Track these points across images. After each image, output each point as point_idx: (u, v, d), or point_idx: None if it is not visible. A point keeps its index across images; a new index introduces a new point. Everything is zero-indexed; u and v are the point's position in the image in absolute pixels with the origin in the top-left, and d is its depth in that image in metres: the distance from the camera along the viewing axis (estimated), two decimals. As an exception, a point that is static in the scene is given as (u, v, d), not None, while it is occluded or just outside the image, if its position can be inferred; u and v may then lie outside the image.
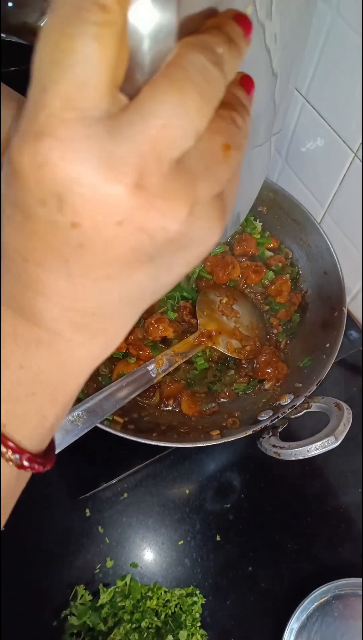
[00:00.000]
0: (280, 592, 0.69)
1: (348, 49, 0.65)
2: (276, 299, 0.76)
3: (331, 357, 0.66)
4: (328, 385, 0.84)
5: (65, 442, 0.55)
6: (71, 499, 0.73)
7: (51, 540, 0.71)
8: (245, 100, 0.24)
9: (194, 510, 0.74)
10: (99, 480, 0.73)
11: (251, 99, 0.25)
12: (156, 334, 0.68)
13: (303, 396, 0.63)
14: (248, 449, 0.79)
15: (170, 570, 0.70)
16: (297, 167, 0.88)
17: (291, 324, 0.77)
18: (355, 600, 0.68)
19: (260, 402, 0.70)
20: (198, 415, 0.69)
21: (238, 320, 0.73)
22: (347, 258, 0.81)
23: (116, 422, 0.65)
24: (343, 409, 0.58)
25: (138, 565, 0.70)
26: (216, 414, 0.70)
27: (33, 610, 0.67)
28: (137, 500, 0.74)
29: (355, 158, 0.73)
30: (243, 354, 0.71)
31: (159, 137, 0.20)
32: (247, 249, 0.77)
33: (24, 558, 0.69)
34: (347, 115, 0.71)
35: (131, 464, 0.74)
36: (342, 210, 0.82)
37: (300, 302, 0.78)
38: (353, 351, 0.88)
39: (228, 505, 0.75)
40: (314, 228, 0.77)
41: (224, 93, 0.22)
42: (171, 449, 0.74)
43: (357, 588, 0.67)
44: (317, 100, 0.75)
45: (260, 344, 0.72)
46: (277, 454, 0.58)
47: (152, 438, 0.61)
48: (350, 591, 0.68)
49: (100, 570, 0.69)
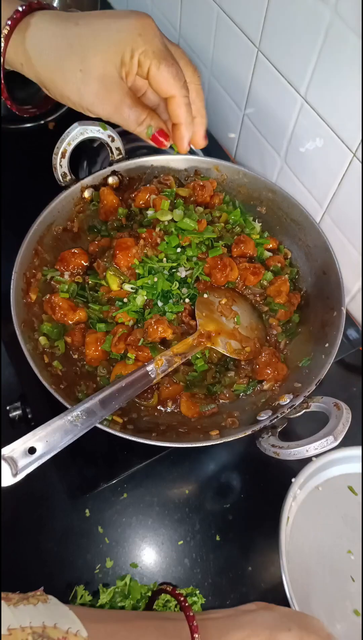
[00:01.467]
0: (280, 593, 0.69)
1: (347, 49, 0.65)
2: (276, 299, 0.76)
3: (330, 357, 0.66)
4: (327, 385, 0.84)
5: (65, 442, 0.55)
6: (71, 499, 0.73)
7: (51, 540, 0.71)
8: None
9: (194, 510, 0.74)
10: (99, 480, 0.73)
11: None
12: (155, 335, 0.68)
13: (302, 396, 0.63)
14: (247, 449, 0.79)
15: (170, 570, 0.70)
16: (296, 168, 0.88)
17: (291, 324, 0.77)
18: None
19: (259, 402, 0.70)
20: (197, 416, 0.69)
21: (237, 321, 0.73)
22: (346, 258, 0.81)
23: (116, 422, 0.65)
24: (342, 409, 0.58)
25: (137, 565, 0.70)
26: (216, 414, 0.70)
27: (33, 610, 0.67)
28: (137, 500, 0.74)
29: (354, 158, 0.73)
30: (243, 354, 0.71)
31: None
32: (245, 250, 0.77)
33: (24, 558, 0.69)
34: (345, 116, 0.71)
35: (131, 464, 0.74)
36: (341, 211, 0.82)
37: (299, 302, 0.78)
38: (353, 351, 0.88)
39: (228, 505, 0.75)
40: (313, 228, 0.77)
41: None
42: (171, 449, 0.74)
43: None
44: (316, 100, 0.75)
45: (260, 344, 0.72)
46: (276, 453, 0.58)
47: (151, 438, 0.61)
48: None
49: (100, 570, 0.69)
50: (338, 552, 0.69)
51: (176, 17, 1.04)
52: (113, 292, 0.73)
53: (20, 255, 0.70)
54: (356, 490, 0.73)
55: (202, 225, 0.76)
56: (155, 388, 0.70)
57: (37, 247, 0.74)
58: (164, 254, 0.73)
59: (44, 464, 0.54)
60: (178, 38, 1.07)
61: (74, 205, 0.79)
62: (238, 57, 0.89)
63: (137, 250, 0.72)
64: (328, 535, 0.70)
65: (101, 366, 0.70)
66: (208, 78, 1.03)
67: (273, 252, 0.82)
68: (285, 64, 0.78)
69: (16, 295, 0.68)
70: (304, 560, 0.67)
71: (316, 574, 0.67)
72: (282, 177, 0.93)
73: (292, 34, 0.73)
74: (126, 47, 0.49)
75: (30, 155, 0.89)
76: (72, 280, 0.76)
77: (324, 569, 0.68)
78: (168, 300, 0.72)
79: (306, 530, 0.69)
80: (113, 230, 0.80)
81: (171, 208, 0.77)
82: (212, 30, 0.93)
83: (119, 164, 0.81)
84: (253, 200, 0.85)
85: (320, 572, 0.67)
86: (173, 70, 0.51)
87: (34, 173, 0.83)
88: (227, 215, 0.82)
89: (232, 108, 0.98)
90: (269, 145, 0.92)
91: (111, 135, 0.76)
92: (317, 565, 0.68)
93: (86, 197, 0.80)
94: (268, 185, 0.82)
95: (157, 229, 0.75)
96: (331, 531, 0.70)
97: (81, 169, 0.98)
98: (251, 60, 0.85)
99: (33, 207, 0.75)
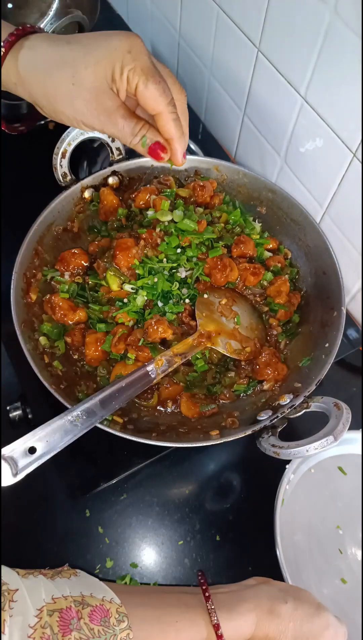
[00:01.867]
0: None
1: (347, 49, 0.65)
2: (276, 299, 0.76)
3: (330, 357, 0.66)
4: (327, 385, 0.84)
5: (65, 442, 0.55)
6: (71, 499, 0.73)
7: (51, 540, 0.71)
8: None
9: (194, 510, 0.74)
10: (99, 480, 0.73)
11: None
12: (155, 335, 0.68)
13: (302, 396, 0.63)
14: (247, 449, 0.79)
15: (170, 570, 0.70)
16: (296, 168, 0.88)
17: (291, 324, 0.77)
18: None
19: (259, 402, 0.70)
20: (197, 416, 0.69)
21: (237, 321, 0.73)
22: (346, 258, 0.81)
23: (116, 422, 0.65)
24: (342, 409, 0.58)
25: (137, 565, 0.70)
26: (216, 414, 0.70)
27: (33, 610, 0.67)
28: (137, 500, 0.74)
29: (354, 158, 0.73)
30: (243, 355, 0.71)
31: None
32: (245, 250, 0.77)
33: (24, 558, 0.69)
34: (345, 116, 0.71)
35: (131, 464, 0.74)
36: (341, 211, 0.82)
37: (299, 302, 0.78)
38: (353, 351, 0.88)
39: (228, 505, 0.75)
40: (313, 228, 0.77)
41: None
42: (171, 449, 0.74)
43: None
44: (316, 100, 0.75)
45: (260, 344, 0.72)
46: (276, 453, 0.58)
47: (152, 438, 0.61)
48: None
49: (100, 571, 0.69)
50: (328, 527, 0.73)
51: (176, 17, 1.04)
52: (113, 292, 0.73)
53: (20, 255, 0.70)
54: (345, 470, 0.77)
55: (202, 226, 0.76)
56: (155, 388, 0.70)
57: (37, 247, 0.74)
58: (164, 254, 0.73)
59: (44, 464, 0.54)
60: (178, 38, 1.07)
61: (74, 206, 0.79)
62: (238, 57, 0.89)
63: (137, 251, 0.72)
64: (319, 513, 0.74)
65: (101, 366, 0.70)
66: (208, 78, 1.03)
67: (273, 252, 0.82)
68: (285, 64, 0.78)
69: (16, 295, 0.68)
70: (296, 536, 0.72)
71: (307, 549, 0.71)
72: (282, 177, 0.93)
73: (292, 34, 0.73)
74: (116, 63, 0.51)
75: (31, 156, 0.89)
76: (72, 281, 0.76)
77: (314, 544, 0.72)
78: (168, 301, 0.72)
79: (299, 509, 0.73)
80: (113, 230, 0.80)
81: (171, 208, 0.77)
82: (212, 30, 0.93)
83: (119, 164, 0.81)
84: (253, 200, 0.85)
85: (311, 546, 0.72)
86: (160, 87, 0.53)
87: (34, 173, 0.83)
88: (227, 216, 0.82)
89: (232, 108, 0.98)
90: (269, 145, 0.92)
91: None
92: (308, 541, 0.72)
93: (86, 197, 0.80)
94: (268, 185, 0.82)
95: (157, 230, 0.75)
96: (322, 509, 0.74)
97: (81, 169, 0.98)
98: (251, 60, 0.85)
99: (33, 207, 0.75)
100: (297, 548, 0.70)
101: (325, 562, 0.70)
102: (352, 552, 0.71)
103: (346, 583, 0.69)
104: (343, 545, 0.72)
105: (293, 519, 0.72)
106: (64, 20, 0.86)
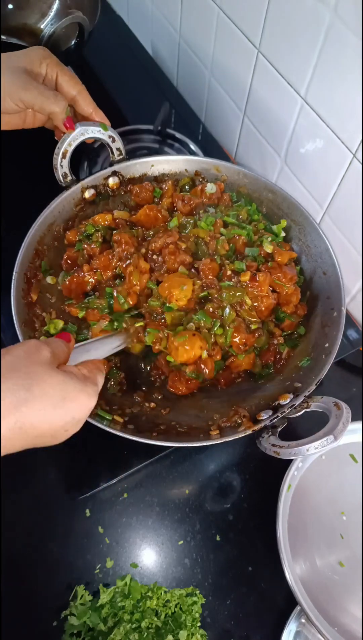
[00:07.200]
0: (280, 592, 0.69)
1: (347, 51, 0.65)
2: (283, 307, 0.74)
3: (330, 357, 0.66)
4: (327, 385, 0.84)
5: None
6: (71, 499, 0.73)
7: (51, 540, 0.71)
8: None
9: (194, 510, 0.74)
10: (99, 480, 0.73)
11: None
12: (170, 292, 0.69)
13: (302, 396, 0.63)
14: (247, 449, 0.79)
15: (170, 570, 0.70)
16: (296, 168, 0.88)
17: (295, 335, 0.75)
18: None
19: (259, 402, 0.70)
20: (187, 392, 0.69)
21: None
22: (346, 258, 0.81)
23: (116, 421, 0.65)
24: (342, 409, 0.58)
25: (137, 565, 0.70)
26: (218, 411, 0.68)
27: (33, 610, 0.67)
28: (137, 500, 0.74)
29: (354, 159, 0.73)
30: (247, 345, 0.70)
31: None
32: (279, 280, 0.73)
33: (24, 558, 0.69)
34: (345, 117, 0.71)
35: (131, 464, 0.74)
36: (341, 211, 0.82)
37: (304, 313, 0.76)
38: (353, 351, 0.88)
39: (228, 505, 0.75)
40: (313, 229, 0.77)
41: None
42: (171, 449, 0.74)
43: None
44: (316, 101, 0.75)
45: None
46: (277, 453, 0.58)
47: (152, 438, 0.61)
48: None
49: (100, 571, 0.69)
50: (333, 513, 0.75)
51: (177, 18, 1.04)
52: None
53: (20, 255, 0.70)
54: (357, 458, 0.79)
55: (218, 227, 0.77)
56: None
57: (38, 247, 0.74)
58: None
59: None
60: (178, 39, 1.07)
61: (75, 206, 0.79)
62: (238, 58, 0.89)
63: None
64: (326, 498, 0.76)
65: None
66: (208, 79, 1.03)
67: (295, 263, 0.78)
68: (285, 65, 0.78)
69: (17, 295, 0.68)
70: (299, 519, 0.73)
71: (309, 532, 0.73)
72: (282, 178, 0.93)
73: (292, 35, 0.74)
74: (34, 58, 0.66)
75: (31, 156, 0.89)
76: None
77: (316, 528, 0.73)
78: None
79: (306, 494, 0.75)
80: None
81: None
82: (212, 31, 0.93)
83: (119, 165, 0.81)
84: (253, 201, 0.85)
85: (312, 530, 0.73)
86: (74, 74, 0.69)
87: (35, 173, 0.83)
88: (247, 210, 0.81)
89: (232, 109, 0.98)
90: (269, 145, 0.92)
91: (112, 136, 0.76)
92: (311, 524, 0.74)
93: (86, 198, 0.80)
94: (268, 186, 0.82)
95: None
96: (329, 494, 0.76)
97: (81, 169, 0.98)
98: (251, 61, 0.85)
99: (33, 207, 0.75)
100: (298, 531, 0.72)
101: (326, 546, 0.72)
102: (354, 538, 0.73)
103: (343, 566, 0.71)
104: (345, 531, 0.73)
105: (298, 502, 0.73)
106: (65, 20, 0.87)
